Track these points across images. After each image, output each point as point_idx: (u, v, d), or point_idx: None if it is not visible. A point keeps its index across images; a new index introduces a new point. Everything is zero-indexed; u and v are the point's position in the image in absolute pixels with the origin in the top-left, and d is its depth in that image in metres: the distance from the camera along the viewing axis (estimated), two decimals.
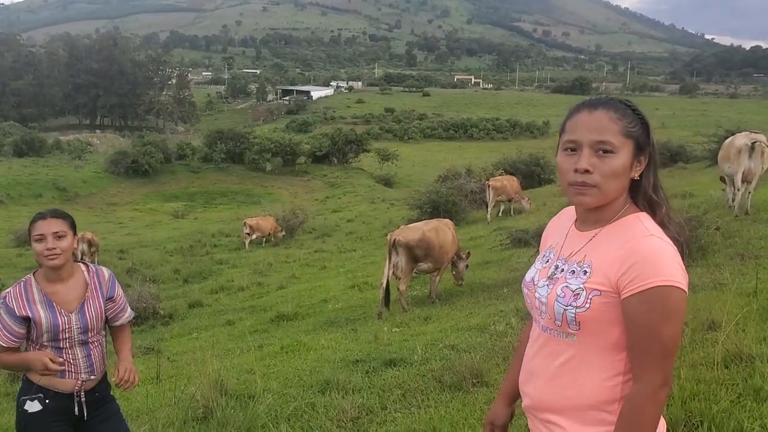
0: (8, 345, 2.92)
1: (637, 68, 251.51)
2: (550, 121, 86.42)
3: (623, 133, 1.74)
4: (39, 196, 41.51)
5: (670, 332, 1.65)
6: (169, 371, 6.53)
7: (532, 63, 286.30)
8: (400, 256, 8.63)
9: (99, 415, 3.06)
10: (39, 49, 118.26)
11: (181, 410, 4.65)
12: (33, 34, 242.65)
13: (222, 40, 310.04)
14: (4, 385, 7.59)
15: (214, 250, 21.64)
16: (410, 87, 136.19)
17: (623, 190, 1.79)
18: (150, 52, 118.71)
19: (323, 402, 4.75)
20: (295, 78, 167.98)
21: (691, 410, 3.41)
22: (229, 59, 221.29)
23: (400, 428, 4.09)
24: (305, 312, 10.21)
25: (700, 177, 18.41)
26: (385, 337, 6.84)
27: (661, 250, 1.68)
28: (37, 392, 2.91)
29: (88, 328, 2.97)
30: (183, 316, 11.89)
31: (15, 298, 2.90)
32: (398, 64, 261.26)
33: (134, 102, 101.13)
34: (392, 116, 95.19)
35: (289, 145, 51.02)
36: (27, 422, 2.92)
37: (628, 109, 1.78)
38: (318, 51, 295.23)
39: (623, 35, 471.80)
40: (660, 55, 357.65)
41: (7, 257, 21.95)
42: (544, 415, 1.87)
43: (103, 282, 3.07)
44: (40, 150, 55.04)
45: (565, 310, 1.77)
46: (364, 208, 30.70)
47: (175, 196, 45.66)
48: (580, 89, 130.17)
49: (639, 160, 1.78)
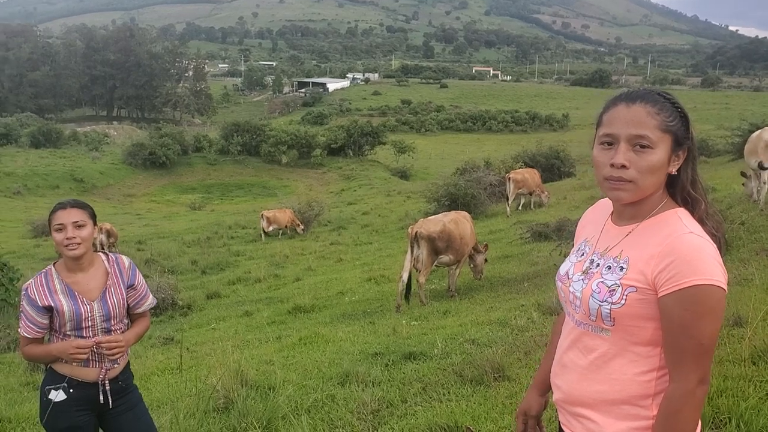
0: (32, 336, 2.93)
1: (657, 61, 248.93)
2: (569, 114, 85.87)
3: (661, 128, 1.70)
4: (56, 187, 41.83)
5: (707, 331, 1.63)
6: (188, 361, 6.54)
7: (552, 55, 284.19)
8: (422, 249, 8.62)
9: (123, 404, 3.06)
10: (56, 40, 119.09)
11: (202, 400, 4.65)
12: (50, 25, 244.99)
13: (238, 32, 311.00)
14: (24, 374, 7.67)
15: (231, 241, 21.72)
16: (427, 79, 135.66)
17: (660, 185, 1.76)
18: (167, 43, 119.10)
19: (343, 394, 4.74)
20: (312, 70, 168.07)
21: (719, 407, 3.37)
22: (245, 51, 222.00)
23: (421, 421, 4.06)
24: (322, 304, 10.22)
25: (723, 171, 18.19)
26: (403, 330, 6.81)
27: (699, 248, 1.64)
28: (61, 381, 2.91)
29: (111, 316, 2.97)
30: (201, 307, 11.96)
31: (36, 289, 2.90)
32: (415, 55, 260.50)
33: (151, 94, 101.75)
34: (409, 108, 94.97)
35: (305, 137, 51.05)
36: (51, 411, 2.91)
37: (667, 103, 1.73)
38: (334, 43, 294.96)
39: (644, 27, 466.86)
40: (682, 48, 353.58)
41: (24, 248, 22.16)
42: (575, 409, 1.86)
43: (123, 270, 3.07)
44: (57, 141, 55.45)
45: (600, 305, 1.75)
46: (379, 201, 30.66)
47: (192, 188, 45.89)
48: (600, 82, 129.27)
49: (677, 154, 1.74)
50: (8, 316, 12.40)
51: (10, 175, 41.39)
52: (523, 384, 4.41)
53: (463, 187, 18.57)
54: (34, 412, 5.66)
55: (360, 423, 4.25)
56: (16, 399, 6.42)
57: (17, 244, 23.08)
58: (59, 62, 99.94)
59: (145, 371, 6.28)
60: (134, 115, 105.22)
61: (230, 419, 4.39)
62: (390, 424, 4.18)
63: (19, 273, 13.64)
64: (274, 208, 23.15)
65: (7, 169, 42.69)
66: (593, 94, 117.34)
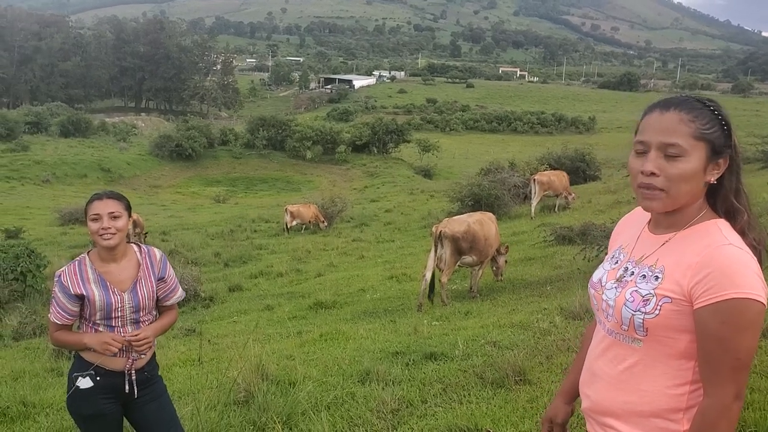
0: (62, 322, 2.97)
1: (688, 65, 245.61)
2: (596, 117, 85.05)
3: (695, 136, 1.65)
4: (84, 176, 42.40)
5: (744, 346, 1.59)
6: (209, 354, 6.58)
7: (580, 57, 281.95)
8: (445, 249, 8.61)
9: (147, 394, 3.09)
10: (87, 31, 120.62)
11: (223, 393, 4.68)
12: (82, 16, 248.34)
13: (267, 27, 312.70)
14: (49, 360, 7.78)
15: (254, 235, 21.82)
16: (453, 78, 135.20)
17: (697, 194, 1.71)
18: (196, 37, 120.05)
19: (363, 392, 4.74)
20: (338, 67, 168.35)
21: (745, 420, 3.31)
22: (273, 46, 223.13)
23: (441, 422, 4.05)
24: (343, 301, 10.24)
25: (753, 179, 17.86)
26: (425, 330, 6.79)
27: (738, 261, 1.60)
28: (88, 369, 2.94)
29: (140, 308, 3.01)
30: (223, 300, 12.04)
31: (69, 276, 2.94)
32: (442, 54, 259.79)
33: (179, 86, 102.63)
34: (434, 107, 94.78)
35: (330, 133, 51.23)
36: (78, 398, 2.95)
37: (705, 110, 1.68)
38: (362, 40, 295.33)
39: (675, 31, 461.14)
40: (713, 53, 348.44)
41: (52, 235, 22.50)
42: (603, 419, 1.83)
43: (155, 262, 3.11)
44: (86, 131, 56.26)
45: (633, 315, 1.71)
46: (402, 199, 30.64)
47: (217, 181, 46.27)
48: (628, 85, 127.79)
49: (716, 163, 1.68)
50: (35, 302, 12.61)
51: (39, 164, 42.06)
52: (545, 388, 4.37)
53: (486, 187, 18.47)
54: (59, 398, 5.74)
55: (379, 422, 4.24)
56: (41, 384, 6.51)
57: (45, 232, 23.45)
58: (90, 53, 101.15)
59: (167, 362, 6.33)
60: (162, 107, 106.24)
61: (250, 413, 4.40)
62: (409, 424, 4.16)
63: (46, 260, 13.87)
64: (298, 203, 23.24)
65: (37, 157, 43.38)
66: (621, 97, 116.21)
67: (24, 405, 5.53)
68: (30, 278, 12.96)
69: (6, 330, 10.52)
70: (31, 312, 11.12)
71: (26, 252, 13.23)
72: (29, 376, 6.98)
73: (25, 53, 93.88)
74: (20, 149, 45.00)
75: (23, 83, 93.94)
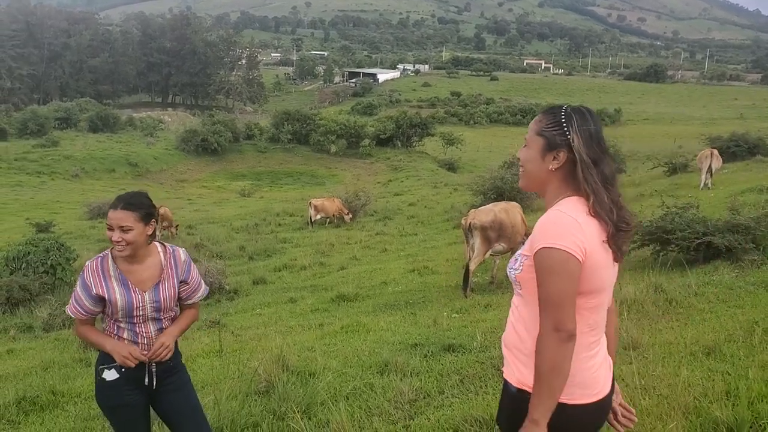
0: (76, 317, 3.06)
1: (716, 56, 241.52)
2: (622, 109, 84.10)
3: (536, 132, 2.17)
4: (112, 171, 42.97)
5: (554, 287, 1.98)
6: (233, 345, 6.71)
7: (606, 49, 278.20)
8: (475, 238, 9.04)
9: (171, 384, 3.18)
10: (115, 27, 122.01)
11: (244, 383, 4.79)
12: (110, 12, 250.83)
13: (291, 21, 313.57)
14: (77, 351, 7.98)
15: (278, 228, 21.97)
16: (478, 71, 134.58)
17: (544, 177, 2.17)
18: (221, 32, 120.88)
19: (381, 383, 4.81)
20: (362, 60, 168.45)
21: (759, 411, 3.33)
22: (297, 41, 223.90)
23: (457, 413, 4.10)
24: (365, 293, 10.31)
25: None
26: (444, 322, 6.85)
27: (551, 220, 2.04)
28: (113, 362, 3.03)
29: (161, 308, 3.08)
30: (247, 292, 12.19)
31: (92, 272, 3.01)
32: (466, 47, 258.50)
33: (205, 81, 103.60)
34: (458, 100, 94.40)
35: (354, 127, 51.24)
36: (104, 389, 3.06)
37: (557, 115, 2.14)
38: (386, 33, 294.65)
39: (703, 21, 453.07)
40: (742, 43, 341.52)
41: (81, 229, 22.88)
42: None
43: (179, 264, 3.15)
44: (114, 126, 56.98)
45: (509, 271, 2.22)
46: (426, 193, 30.61)
47: (242, 175, 46.58)
48: (655, 77, 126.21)
49: (554, 155, 2.13)
50: (64, 294, 12.90)
51: (69, 158, 42.69)
52: None
53: (509, 180, 18.42)
54: (86, 387, 5.90)
55: (397, 411, 4.32)
56: (69, 374, 6.70)
57: (74, 225, 23.86)
58: (117, 49, 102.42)
59: (191, 353, 6.46)
60: (188, 102, 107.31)
61: (270, 402, 4.50)
62: (426, 414, 4.23)
63: (75, 253, 14.16)
64: (322, 197, 23.35)
65: (67, 152, 44.05)
66: (647, 89, 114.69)
67: (53, 394, 5.70)
68: (60, 271, 13.25)
69: (36, 321, 10.78)
70: (61, 304, 11.38)
71: (56, 245, 13.53)
72: (58, 367, 7.18)
73: (54, 50, 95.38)
74: (50, 144, 45.70)
75: (53, 80, 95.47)
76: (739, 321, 5.22)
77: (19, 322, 10.80)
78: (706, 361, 4.38)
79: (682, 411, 3.41)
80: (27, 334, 10.22)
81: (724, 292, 6.55)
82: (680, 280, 7.14)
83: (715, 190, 16.02)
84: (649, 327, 5.65)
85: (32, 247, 13.36)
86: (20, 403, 5.47)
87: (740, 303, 6.09)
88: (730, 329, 5.02)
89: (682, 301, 6.36)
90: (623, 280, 7.24)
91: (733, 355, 4.36)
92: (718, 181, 17.15)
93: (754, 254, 7.70)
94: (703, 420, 3.31)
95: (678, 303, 6.34)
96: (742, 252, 7.73)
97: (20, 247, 13.63)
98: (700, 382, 3.87)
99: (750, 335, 4.70)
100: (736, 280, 6.94)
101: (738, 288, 6.63)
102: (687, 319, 5.77)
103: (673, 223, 8.31)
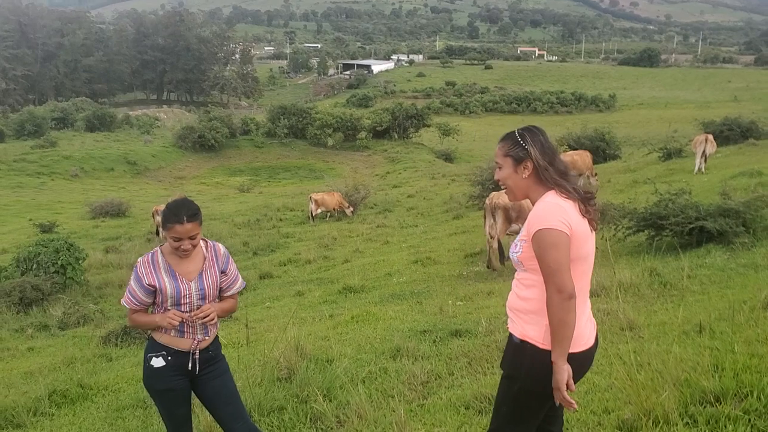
0: (130, 307, 3.41)
1: (709, 39, 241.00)
2: (616, 95, 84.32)
3: (504, 154, 2.77)
4: (111, 169, 43.12)
5: (551, 258, 2.54)
6: (250, 337, 7.02)
7: (599, 34, 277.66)
8: (497, 218, 10.01)
9: (211, 371, 3.53)
10: (108, 26, 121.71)
11: (267, 371, 5.12)
12: (102, 11, 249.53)
13: (283, 14, 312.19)
14: (98, 347, 8.29)
15: (280, 223, 22.17)
16: (472, 60, 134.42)
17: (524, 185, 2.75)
18: (214, 27, 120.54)
19: (395, 367, 5.17)
20: (356, 52, 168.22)
21: (743, 381, 3.64)
22: (290, 34, 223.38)
23: (467, 392, 4.44)
24: (371, 285, 10.60)
25: None
26: (450, 309, 7.17)
27: (543, 208, 2.62)
28: (160, 350, 3.40)
29: (206, 296, 3.43)
30: (255, 287, 12.46)
31: (145, 265, 3.37)
32: (460, 36, 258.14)
33: (199, 77, 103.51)
34: (453, 90, 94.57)
35: (350, 120, 51.41)
36: (152, 375, 3.42)
37: (513, 138, 2.75)
38: (379, 24, 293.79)
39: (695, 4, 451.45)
40: (735, 25, 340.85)
41: (84, 228, 23.12)
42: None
43: (219, 256, 3.52)
44: (110, 125, 57.02)
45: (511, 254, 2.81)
46: (424, 184, 30.83)
47: (240, 171, 46.74)
48: (648, 61, 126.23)
49: (523, 166, 2.72)
50: (75, 293, 13.20)
51: (68, 159, 42.81)
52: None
53: None
54: (111, 381, 6.23)
55: (411, 392, 4.67)
56: (94, 369, 7.01)
57: (77, 225, 24.11)
58: (111, 48, 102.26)
59: None
60: (183, 98, 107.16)
61: (293, 387, 4.84)
62: (438, 394, 4.58)
63: (84, 253, 14.43)
64: (321, 190, 23.53)
65: (65, 152, 44.17)
66: (642, 73, 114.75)
67: (81, 387, 6.01)
68: (70, 271, 13.52)
69: (51, 320, 11.07)
70: (74, 303, 11.68)
71: (65, 246, 13.79)
72: (81, 362, 7.48)
73: (48, 50, 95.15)
74: (48, 145, 45.80)
75: (48, 80, 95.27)
76: (729, 300, 5.52)
77: (34, 321, 11.09)
78: (697, 338, 4.69)
79: (673, 383, 3.72)
80: (43, 332, 10.51)
81: (716, 274, 6.88)
82: (674, 264, 7.47)
83: (708, 174, 16.33)
84: (644, 309, 5.99)
85: (42, 247, 13.63)
86: (51, 397, 5.78)
87: (731, 284, 6.43)
88: (720, 309, 5.34)
89: (675, 283, 6.69)
90: (619, 266, 7.57)
91: (722, 332, 4.67)
92: (712, 165, 17.46)
93: (744, 237, 8.04)
94: (693, 390, 3.62)
95: (672, 285, 6.67)
96: (733, 235, 8.06)
97: (30, 248, 13.90)
98: (691, 357, 4.17)
99: (738, 313, 5.01)
100: (728, 263, 7.27)
101: (729, 270, 6.96)
102: (680, 300, 6.09)
103: (667, 209, 8.63)
